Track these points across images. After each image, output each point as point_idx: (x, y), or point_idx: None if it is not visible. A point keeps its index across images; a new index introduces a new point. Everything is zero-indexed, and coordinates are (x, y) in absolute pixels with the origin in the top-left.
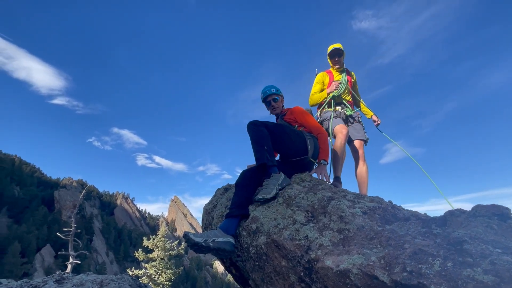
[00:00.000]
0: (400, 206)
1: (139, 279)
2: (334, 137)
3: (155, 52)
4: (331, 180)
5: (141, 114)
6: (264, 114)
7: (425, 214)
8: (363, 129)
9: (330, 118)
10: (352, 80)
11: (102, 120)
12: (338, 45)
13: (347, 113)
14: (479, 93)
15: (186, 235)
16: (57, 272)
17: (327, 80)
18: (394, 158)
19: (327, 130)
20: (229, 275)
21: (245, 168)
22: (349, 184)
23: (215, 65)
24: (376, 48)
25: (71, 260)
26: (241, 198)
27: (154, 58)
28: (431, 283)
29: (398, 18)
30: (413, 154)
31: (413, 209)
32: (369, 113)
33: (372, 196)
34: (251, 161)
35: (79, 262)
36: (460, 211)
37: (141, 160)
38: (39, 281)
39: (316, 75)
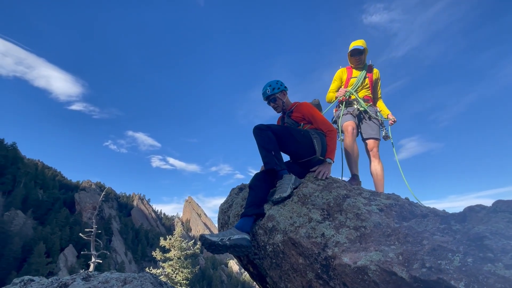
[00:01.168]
0: (417, 203)
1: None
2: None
3: (166, 55)
4: (346, 178)
5: (154, 117)
6: (275, 114)
7: (443, 210)
8: (380, 126)
9: (340, 116)
10: (374, 77)
11: (117, 123)
12: (358, 43)
13: (360, 109)
14: (501, 83)
15: (202, 236)
16: (82, 271)
17: (345, 77)
18: (409, 154)
19: (338, 128)
20: (244, 274)
21: (258, 170)
22: (364, 182)
23: (225, 66)
24: (389, 42)
25: (93, 259)
26: (255, 198)
27: (165, 61)
28: (451, 278)
29: (410, 9)
30: (431, 150)
31: (431, 206)
32: (385, 111)
33: (388, 193)
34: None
35: (101, 261)
36: (481, 207)
37: (156, 162)
38: (68, 278)
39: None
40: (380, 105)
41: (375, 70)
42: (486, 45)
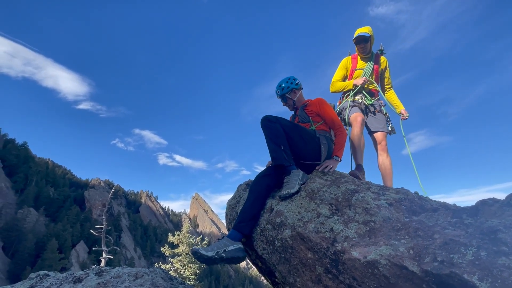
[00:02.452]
0: (427, 197)
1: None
2: (350, 126)
3: (171, 53)
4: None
5: (161, 115)
6: (281, 110)
7: (454, 204)
8: (387, 119)
9: (347, 108)
10: (380, 68)
11: (124, 122)
12: (364, 30)
13: (367, 103)
14: None
15: (195, 252)
16: (94, 266)
17: (349, 67)
18: (417, 148)
19: (344, 120)
20: (251, 269)
21: (264, 167)
22: (372, 176)
23: (230, 63)
24: (396, 34)
25: (104, 255)
26: (251, 209)
27: (170, 59)
28: (464, 272)
29: (418, 0)
30: (439, 143)
31: (441, 201)
32: (399, 106)
33: (397, 188)
34: (269, 157)
35: (111, 257)
36: (494, 200)
37: (163, 159)
38: (81, 273)
39: (349, 54)
40: (392, 97)
41: (383, 59)
42: (497, 35)
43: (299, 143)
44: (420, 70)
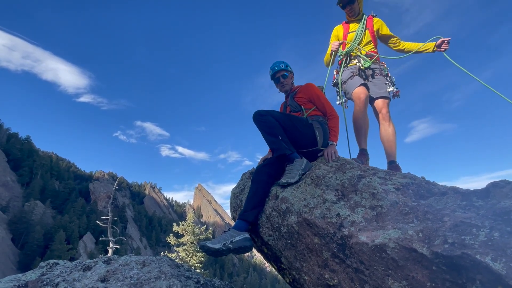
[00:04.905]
0: (433, 181)
1: None
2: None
3: (171, 44)
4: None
5: (162, 106)
6: (281, 100)
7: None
8: (389, 82)
9: (347, 80)
10: (375, 27)
11: (126, 114)
12: None
13: (364, 66)
14: None
15: (203, 246)
16: (102, 255)
17: (341, 34)
18: (421, 136)
19: (345, 94)
20: (255, 257)
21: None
22: (376, 162)
23: (231, 52)
24: (400, 18)
25: (111, 245)
26: (255, 196)
27: (170, 50)
28: (476, 253)
29: None
30: (443, 131)
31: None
32: (426, 45)
33: (404, 173)
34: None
35: (118, 247)
36: (505, 182)
37: (165, 151)
38: (90, 261)
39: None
40: (408, 46)
41: (376, 19)
42: (504, 18)
43: (294, 132)
44: (424, 56)
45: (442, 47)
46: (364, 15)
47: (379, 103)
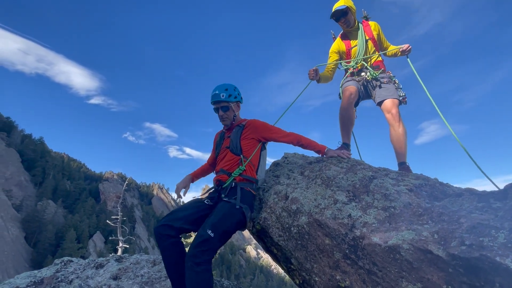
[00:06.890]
0: (447, 183)
1: None
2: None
3: (179, 45)
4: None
5: (170, 108)
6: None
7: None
8: (397, 88)
9: (343, 84)
10: (374, 33)
11: (135, 116)
12: (339, 3)
13: (369, 77)
14: None
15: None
16: (112, 254)
17: (343, 48)
18: (431, 138)
19: (339, 97)
20: (262, 258)
21: (275, 159)
22: (383, 157)
23: (238, 53)
24: (409, 18)
25: (120, 244)
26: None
27: (179, 51)
28: (496, 255)
29: None
30: (455, 132)
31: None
32: (396, 49)
33: (417, 174)
34: (281, 151)
35: (127, 246)
36: None
37: (173, 152)
38: (102, 259)
39: (333, 38)
40: (390, 47)
41: (372, 24)
42: None
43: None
44: (434, 56)
45: (402, 48)
46: (359, 24)
47: (388, 103)
